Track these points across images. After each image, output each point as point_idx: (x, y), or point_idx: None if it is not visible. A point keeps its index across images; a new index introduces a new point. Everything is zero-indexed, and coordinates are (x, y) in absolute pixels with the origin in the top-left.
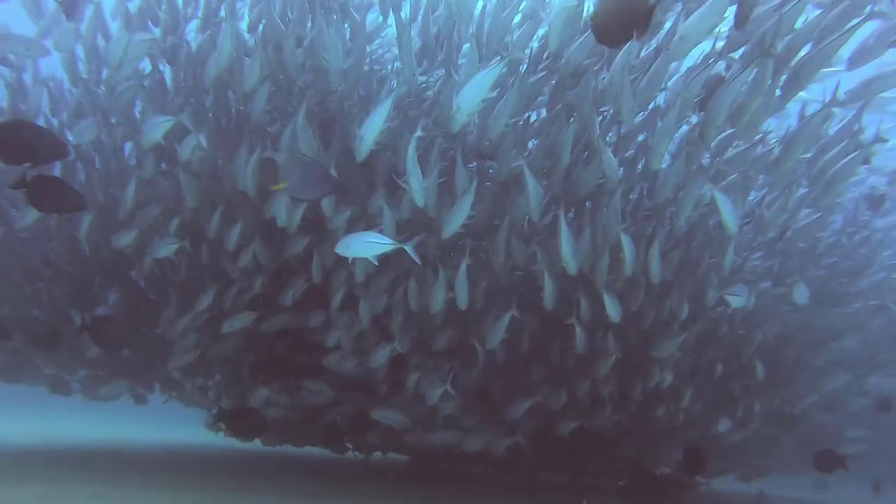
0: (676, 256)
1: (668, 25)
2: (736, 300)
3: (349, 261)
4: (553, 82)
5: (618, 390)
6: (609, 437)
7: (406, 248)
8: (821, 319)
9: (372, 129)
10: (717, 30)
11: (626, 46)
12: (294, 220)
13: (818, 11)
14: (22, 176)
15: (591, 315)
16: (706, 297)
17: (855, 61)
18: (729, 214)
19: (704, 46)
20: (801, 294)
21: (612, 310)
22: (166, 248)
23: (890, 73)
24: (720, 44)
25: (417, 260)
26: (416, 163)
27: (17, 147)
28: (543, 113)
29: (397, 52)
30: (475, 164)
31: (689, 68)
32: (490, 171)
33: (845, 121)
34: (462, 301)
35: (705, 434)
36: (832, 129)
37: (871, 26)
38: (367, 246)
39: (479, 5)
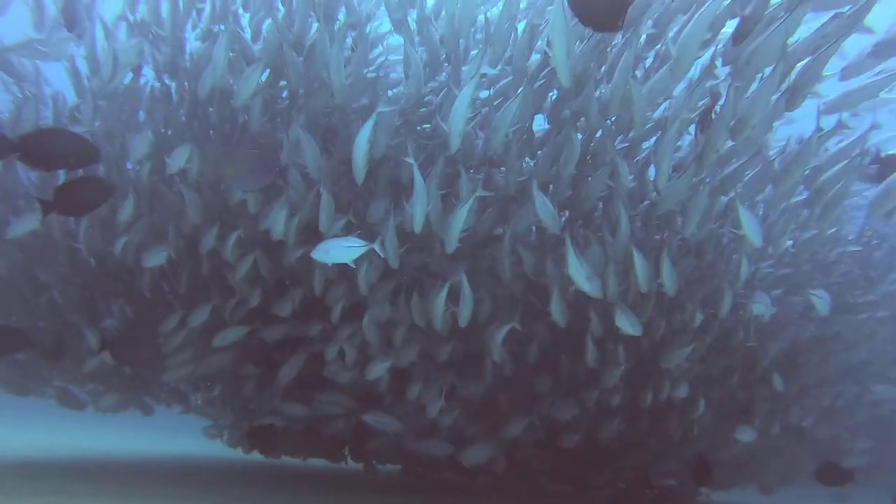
0: (689, 266)
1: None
2: (759, 308)
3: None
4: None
5: (628, 400)
6: (616, 447)
7: (375, 247)
8: (831, 328)
9: (360, 151)
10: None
11: (627, 51)
12: (291, 232)
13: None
14: (42, 206)
15: (603, 327)
16: (722, 305)
17: (848, 73)
18: (752, 228)
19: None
20: (822, 304)
21: (625, 323)
22: (157, 257)
23: (877, 81)
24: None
25: (382, 254)
26: (423, 188)
27: (49, 154)
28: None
29: (394, 57)
30: (476, 171)
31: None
32: (494, 179)
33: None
34: (464, 318)
35: (717, 445)
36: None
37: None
38: (343, 250)
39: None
